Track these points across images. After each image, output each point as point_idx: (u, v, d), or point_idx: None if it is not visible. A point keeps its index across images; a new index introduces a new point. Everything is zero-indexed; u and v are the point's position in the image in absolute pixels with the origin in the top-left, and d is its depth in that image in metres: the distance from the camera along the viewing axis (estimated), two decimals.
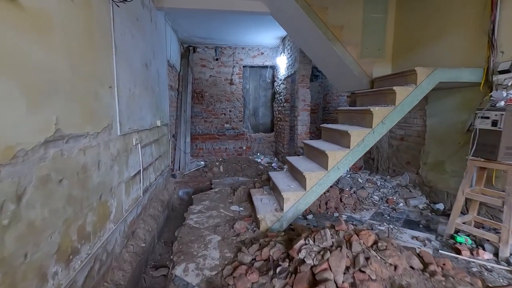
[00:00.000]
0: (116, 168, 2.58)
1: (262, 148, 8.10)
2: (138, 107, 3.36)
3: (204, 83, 7.64)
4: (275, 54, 7.75)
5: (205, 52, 7.56)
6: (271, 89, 8.47)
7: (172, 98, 6.03)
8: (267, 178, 4.27)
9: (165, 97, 5.05)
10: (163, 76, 4.90)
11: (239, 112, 7.90)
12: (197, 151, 7.77)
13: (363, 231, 1.91)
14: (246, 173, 5.90)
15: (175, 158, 5.97)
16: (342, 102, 6.85)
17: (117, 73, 2.62)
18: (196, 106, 7.62)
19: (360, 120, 3.25)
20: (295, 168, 3.32)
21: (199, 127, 7.74)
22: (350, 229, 2.01)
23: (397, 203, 3.94)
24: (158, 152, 4.42)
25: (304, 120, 5.61)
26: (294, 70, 5.76)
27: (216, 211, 3.70)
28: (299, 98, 5.55)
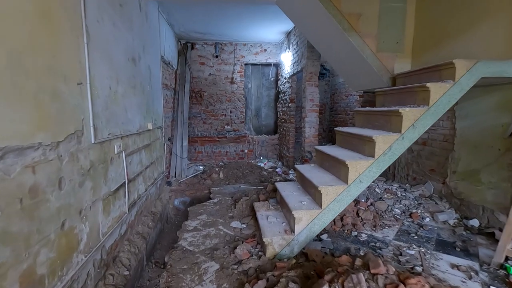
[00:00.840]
0: (88, 185, 2.08)
1: (265, 152, 7.59)
2: (123, 109, 2.86)
3: (203, 82, 7.14)
4: (279, 51, 7.24)
5: (204, 49, 7.06)
6: (275, 88, 7.96)
7: (168, 98, 5.54)
8: (273, 189, 3.77)
9: (158, 97, 4.56)
10: (156, 74, 4.40)
11: (241, 113, 7.40)
12: (195, 154, 7.28)
13: (411, 279, 1.40)
14: (248, 179, 5.40)
15: (170, 164, 5.48)
16: (352, 102, 6.34)
17: (90, 67, 2.12)
18: (194, 106, 7.12)
19: (385, 123, 2.74)
20: (307, 180, 2.82)
21: (197, 129, 7.24)
22: (392, 272, 1.50)
23: (423, 217, 3.43)
24: (149, 159, 3.92)
25: (312, 122, 5.11)
26: (301, 67, 5.26)
27: (214, 228, 3.19)
28: (306, 97, 5.04)
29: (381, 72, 3.44)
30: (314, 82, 5.05)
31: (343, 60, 3.85)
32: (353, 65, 3.74)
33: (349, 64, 3.82)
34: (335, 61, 4.15)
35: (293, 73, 5.87)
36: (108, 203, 2.43)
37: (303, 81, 5.19)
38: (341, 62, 3.98)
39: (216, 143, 7.35)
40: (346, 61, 3.79)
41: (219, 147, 7.37)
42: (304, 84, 5.17)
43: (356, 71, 3.80)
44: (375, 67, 3.42)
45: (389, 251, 2.65)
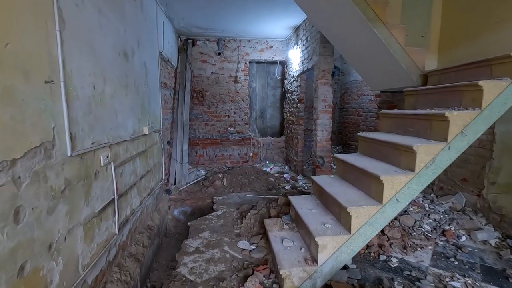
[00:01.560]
0: (62, 209, 1.65)
1: (271, 155, 7.15)
2: (112, 112, 2.42)
3: (205, 81, 6.71)
4: (286, 48, 6.79)
5: (206, 46, 6.62)
6: (281, 87, 7.51)
7: (167, 98, 5.10)
8: (286, 202, 3.32)
9: (156, 97, 4.12)
10: (153, 72, 3.97)
11: (245, 114, 6.96)
12: (197, 158, 6.84)
13: None
14: (254, 187, 4.96)
15: (170, 170, 5.05)
16: (365, 102, 5.89)
17: (65, 60, 1.69)
18: (195, 107, 6.69)
19: (422, 129, 2.30)
20: (329, 196, 2.38)
21: (199, 131, 6.81)
22: None
23: (458, 236, 2.98)
24: (145, 167, 3.49)
25: (324, 125, 4.66)
26: (312, 65, 4.82)
27: (219, 250, 2.76)
28: (318, 98, 4.60)
29: (410, 69, 3.00)
30: (327, 81, 4.60)
31: (364, 55, 3.40)
32: (375, 61, 3.29)
33: (370, 60, 3.37)
34: (353, 57, 3.70)
35: (302, 71, 5.42)
36: (91, 227, 2.00)
37: (315, 79, 4.75)
38: (361, 58, 3.53)
39: (219, 146, 6.91)
40: (367, 56, 3.35)
41: (222, 150, 6.94)
42: (315, 83, 4.73)
43: (378, 68, 3.36)
44: (404, 63, 2.97)
45: (430, 284, 2.21)
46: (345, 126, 6.89)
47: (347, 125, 6.71)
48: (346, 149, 6.83)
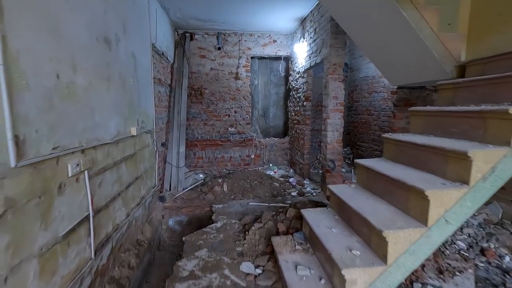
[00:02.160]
0: (1, 242, 1.20)
1: (275, 157, 6.69)
2: (86, 109, 1.97)
3: (204, 78, 6.25)
4: (291, 42, 6.33)
5: (205, 40, 6.17)
6: (284, 85, 7.06)
7: (161, 95, 4.65)
8: (296, 215, 2.87)
9: (148, 94, 3.67)
10: (144, 65, 3.52)
11: (246, 113, 6.50)
12: (195, 160, 6.39)
13: None
14: (257, 193, 4.51)
15: (164, 174, 4.59)
16: (378, 100, 5.43)
17: (7, 35, 1.23)
18: (193, 105, 6.23)
19: (473, 129, 1.84)
20: (355, 213, 1.92)
21: (197, 132, 6.35)
22: None
23: (500, 256, 2.53)
24: (134, 173, 3.04)
25: (336, 124, 4.21)
26: (321, 58, 4.36)
27: (217, 275, 2.30)
28: (329, 94, 4.14)
29: (444, 58, 2.53)
30: (339, 76, 4.15)
31: (385, 44, 2.94)
32: (399, 51, 2.83)
33: (393, 50, 2.91)
34: (371, 47, 3.24)
35: (310, 66, 4.96)
36: (52, 257, 1.55)
37: (325, 74, 4.29)
38: (381, 48, 3.07)
39: (219, 147, 6.46)
40: (390, 45, 2.88)
41: (222, 151, 6.48)
42: (325, 78, 4.27)
43: (402, 60, 2.90)
44: (436, 52, 2.51)
45: None
46: (354, 126, 6.43)
47: (356, 125, 6.25)
48: (355, 150, 6.37)
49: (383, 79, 5.21)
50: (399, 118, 4.29)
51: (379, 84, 5.36)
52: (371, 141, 5.63)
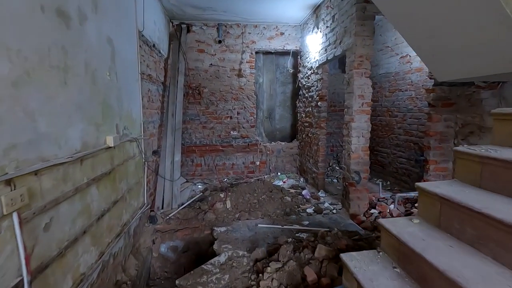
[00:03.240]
0: None
1: (282, 164, 5.98)
2: (17, 113, 1.25)
3: (203, 75, 5.53)
4: (300, 34, 5.63)
5: (204, 32, 5.45)
6: (292, 83, 6.35)
7: (152, 94, 3.93)
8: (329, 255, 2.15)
9: (132, 93, 2.95)
10: (128, 56, 2.80)
11: (251, 115, 5.79)
12: (193, 168, 5.66)
13: None
14: (266, 210, 3.79)
15: (156, 189, 3.87)
16: (402, 99, 4.71)
17: None
18: (191, 106, 5.51)
19: None
20: (440, 275, 1.21)
21: (195, 136, 5.63)
22: None
23: None
24: (111, 197, 2.32)
25: (361, 129, 3.51)
26: (342, 50, 3.65)
27: None
28: (353, 93, 3.44)
29: None
30: (366, 70, 3.44)
31: (444, 27, 2.23)
32: (467, 35, 2.12)
33: (455, 34, 2.20)
34: (419, 32, 2.52)
35: (326, 60, 4.25)
36: None
37: (348, 69, 3.58)
38: (435, 32, 2.36)
39: (220, 153, 5.74)
40: (452, 28, 2.17)
41: (224, 158, 5.76)
42: (349, 73, 3.56)
43: (469, 45, 2.19)
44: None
45: None
46: (373, 129, 5.70)
47: (375, 128, 5.53)
48: (373, 157, 5.65)
49: (410, 75, 4.51)
50: (436, 121, 3.59)
51: (405, 81, 4.65)
52: (394, 147, 4.92)
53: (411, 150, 4.55)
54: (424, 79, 4.21)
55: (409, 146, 4.59)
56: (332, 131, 6.14)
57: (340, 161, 5.85)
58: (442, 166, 3.70)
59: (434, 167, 3.69)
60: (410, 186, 4.56)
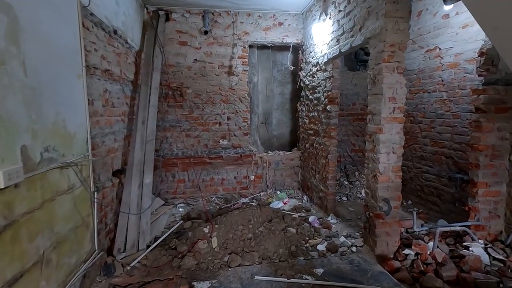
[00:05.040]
0: None
1: (281, 178, 5.06)
2: None
3: (185, 73, 4.58)
4: (303, 25, 4.74)
5: (186, 21, 4.50)
6: (291, 83, 5.46)
7: (112, 96, 2.96)
8: None
9: (69, 95, 2.00)
10: (58, 40, 1.86)
11: (243, 120, 4.86)
12: (174, 185, 4.70)
13: None
14: (265, 248, 2.87)
15: (118, 222, 2.89)
16: (430, 102, 3.84)
17: None
18: (171, 110, 4.55)
19: None
20: None
21: (177, 146, 4.67)
22: None
23: None
24: (10, 267, 1.35)
25: (393, 142, 2.62)
26: (365, 38, 2.76)
27: None
28: (383, 94, 2.55)
29: None
30: (399, 64, 2.55)
31: None
32: None
33: None
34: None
35: (338, 53, 3.36)
36: None
37: (374, 62, 2.68)
38: None
39: (207, 167, 4.79)
40: None
41: (212, 172, 4.81)
42: (375, 68, 2.66)
43: None
44: None
45: None
46: None
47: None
48: None
49: (440, 73, 3.66)
50: (487, 131, 2.74)
51: (432, 80, 3.80)
52: (418, 159, 4.06)
53: (441, 164, 3.69)
54: (461, 77, 3.36)
55: (438, 159, 3.73)
56: (339, 139, 5.25)
57: (349, 175, 4.96)
58: (494, 190, 2.84)
59: (484, 191, 2.83)
60: (440, 209, 3.71)
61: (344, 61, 5.24)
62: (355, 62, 5.31)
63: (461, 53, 3.35)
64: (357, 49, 4.86)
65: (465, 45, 3.29)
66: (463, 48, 3.32)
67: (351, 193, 4.66)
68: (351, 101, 5.20)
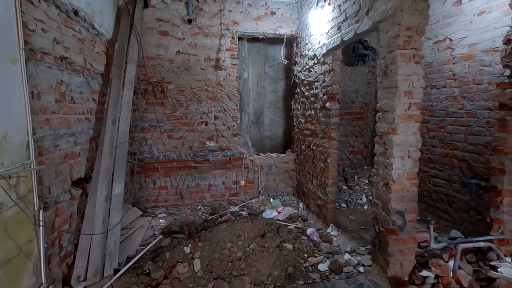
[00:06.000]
0: None
1: (274, 183, 4.62)
2: None
3: (167, 66, 4.09)
4: (297, 15, 4.32)
5: (168, 8, 4.01)
6: (284, 79, 5.04)
7: (72, 90, 2.44)
8: None
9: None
10: None
11: (232, 120, 4.40)
12: (155, 192, 4.19)
13: None
14: (258, 270, 2.42)
15: (79, 243, 2.37)
16: (439, 99, 3.47)
17: None
18: (151, 109, 4.05)
19: None
20: None
21: (158, 149, 4.16)
22: None
23: None
24: None
25: (409, 145, 2.21)
26: (373, 21, 2.35)
27: None
28: (397, 87, 2.14)
29: None
30: (416, 52, 2.14)
31: None
32: None
33: None
34: None
35: (340, 42, 2.94)
36: None
37: (386, 50, 2.26)
38: None
39: (192, 171, 4.30)
40: None
41: (197, 177, 4.33)
42: (388, 57, 2.25)
43: None
44: None
45: None
46: None
47: None
48: None
49: (452, 66, 3.29)
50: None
51: (442, 75, 3.43)
52: (425, 162, 3.68)
53: (453, 168, 3.31)
54: (477, 71, 2.99)
55: (450, 163, 3.35)
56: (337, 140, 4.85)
57: (348, 179, 4.56)
58: None
59: (510, 200, 2.45)
60: (451, 218, 3.34)
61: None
62: (353, 57, 4.92)
63: (476, 43, 2.98)
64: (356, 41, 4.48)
65: (482, 34, 2.93)
66: (479, 37, 2.95)
67: (350, 199, 4.26)
68: (350, 99, 4.80)
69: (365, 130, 4.88)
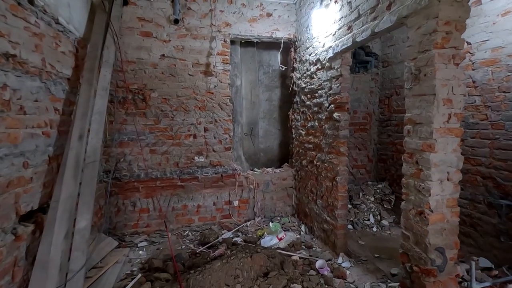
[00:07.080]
0: None
1: (271, 202, 4.13)
2: None
3: (150, 72, 3.58)
4: (296, 17, 3.95)
5: (151, 6, 3.54)
6: (280, 87, 4.63)
7: (24, 98, 1.90)
8: None
9: None
10: None
11: (225, 132, 3.91)
12: (135, 216, 3.61)
13: None
14: None
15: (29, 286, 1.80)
16: None
17: None
18: (129, 120, 3.51)
19: None
20: None
21: (138, 166, 3.61)
22: None
23: None
24: None
25: (449, 164, 1.80)
26: (399, 16, 1.96)
27: None
28: (436, 95, 1.73)
29: None
30: (456, 52, 1.75)
31: None
32: None
33: None
34: None
35: (351, 43, 2.55)
36: None
37: (416, 49, 1.86)
38: None
39: (178, 191, 3.75)
40: None
41: (184, 198, 3.78)
42: (422, 57, 1.84)
43: None
44: None
45: None
46: (394, 150, 4.12)
47: (399, 148, 3.93)
48: (397, 188, 4.01)
49: (472, 72, 2.95)
50: None
51: None
52: None
53: (476, 186, 2.94)
54: (503, 77, 2.66)
55: (472, 180, 2.98)
56: (347, 155, 4.44)
57: (352, 197, 4.13)
58: None
59: None
60: (477, 243, 2.94)
61: None
62: (354, 64, 4.57)
63: (501, 47, 2.66)
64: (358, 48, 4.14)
65: (507, 37, 2.61)
66: (504, 40, 2.63)
67: (357, 219, 3.82)
68: (352, 109, 4.42)
69: (368, 142, 4.49)
